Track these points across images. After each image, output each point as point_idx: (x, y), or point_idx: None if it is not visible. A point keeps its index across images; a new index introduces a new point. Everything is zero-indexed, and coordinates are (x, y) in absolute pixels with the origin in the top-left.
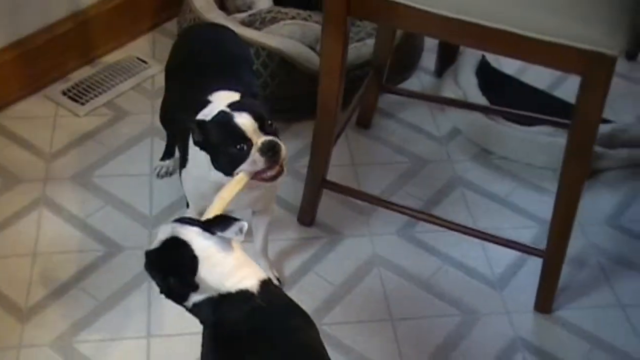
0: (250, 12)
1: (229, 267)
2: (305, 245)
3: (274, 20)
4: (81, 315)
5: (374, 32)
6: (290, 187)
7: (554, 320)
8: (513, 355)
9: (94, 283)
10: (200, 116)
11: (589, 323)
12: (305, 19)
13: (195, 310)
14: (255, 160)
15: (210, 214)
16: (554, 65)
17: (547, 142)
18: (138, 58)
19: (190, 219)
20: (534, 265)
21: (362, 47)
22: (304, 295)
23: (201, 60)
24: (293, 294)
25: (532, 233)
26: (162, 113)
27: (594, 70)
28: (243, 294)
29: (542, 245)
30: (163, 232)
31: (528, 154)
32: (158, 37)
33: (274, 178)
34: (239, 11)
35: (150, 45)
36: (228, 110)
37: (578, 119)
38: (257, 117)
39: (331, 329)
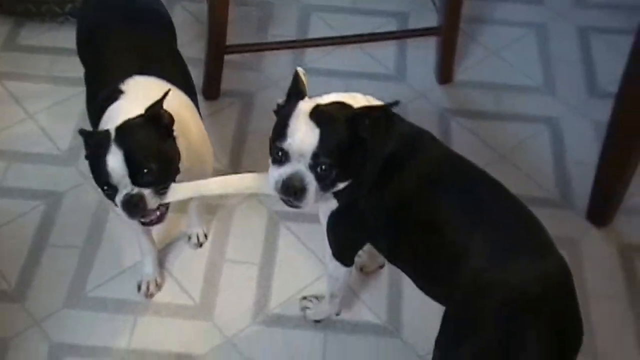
0: None
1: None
2: (223, 115)
3: None
4: (75, 268)
5: None
6: None
7: (459, 84)
8: (448, 125)
9: (61, 234)
10: (105, 120)
11: (486, 74)
12: None
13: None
14: (119, 211)
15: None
16: None
17: None
18: None
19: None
20: (415, 49)
21: None
22: (248, 157)
23: (110, 31)
24: (242, 159)
25: (394, 24)
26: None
27: None
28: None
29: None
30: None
31: None
32: None
33: (155, 222)
34: None
35: None
36: (111, 137)
37: None
38: (131, 163)
39: None
